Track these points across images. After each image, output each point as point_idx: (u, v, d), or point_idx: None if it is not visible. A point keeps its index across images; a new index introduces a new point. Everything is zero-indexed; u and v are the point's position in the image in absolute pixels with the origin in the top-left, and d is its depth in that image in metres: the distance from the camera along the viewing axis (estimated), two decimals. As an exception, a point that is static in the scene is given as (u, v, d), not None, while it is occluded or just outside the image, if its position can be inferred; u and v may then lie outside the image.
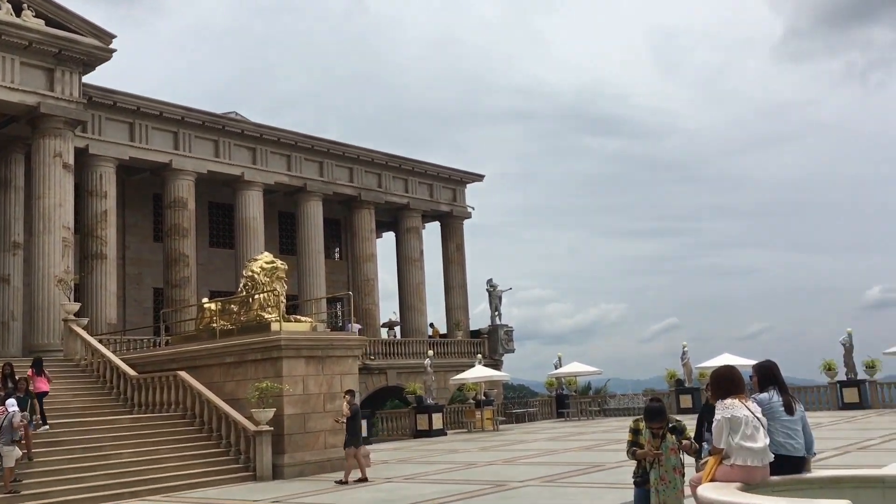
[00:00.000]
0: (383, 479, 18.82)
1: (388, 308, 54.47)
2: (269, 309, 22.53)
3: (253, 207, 38.67)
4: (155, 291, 38.19)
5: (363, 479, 18.53)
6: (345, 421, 19.14)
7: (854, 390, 36.06)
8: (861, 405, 35.43)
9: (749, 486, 6.97)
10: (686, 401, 38.99)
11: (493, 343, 47.41)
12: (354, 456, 18.74)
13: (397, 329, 46.56)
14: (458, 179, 50.13)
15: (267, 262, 23.29)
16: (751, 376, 8.01)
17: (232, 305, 24.12)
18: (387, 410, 39.05)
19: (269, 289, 22.70)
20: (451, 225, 50.03)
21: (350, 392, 19.74)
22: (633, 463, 9.10)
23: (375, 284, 45.19)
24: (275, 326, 21.62)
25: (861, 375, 36.44)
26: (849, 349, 36.42)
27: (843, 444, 20.17)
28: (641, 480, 8.89)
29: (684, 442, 8.55)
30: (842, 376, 36.58)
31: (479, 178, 51.37)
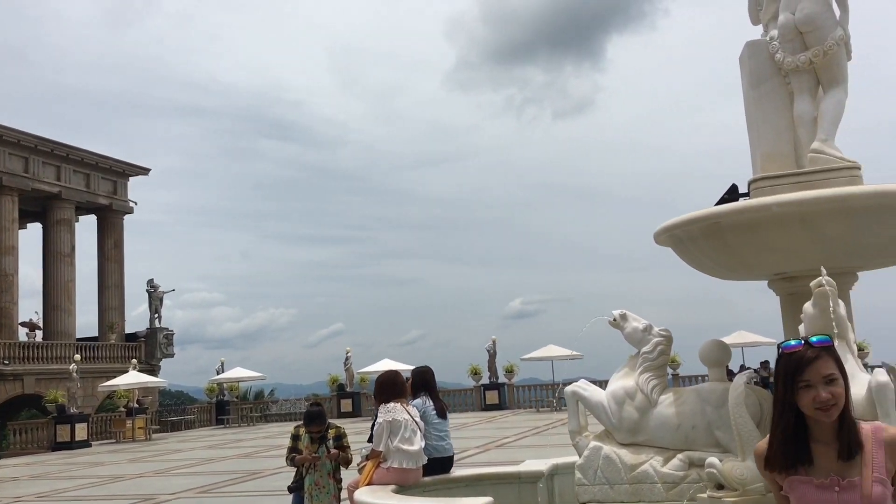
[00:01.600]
0: (12, 499, 16.70)
1: (30, 307, 48.87)
2: None
3: None
4: None
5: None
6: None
7: (495, 392, 39.64)
8: (500, 406, 39.05)
9: (403, 488, 7.21)
10: (347, 405, 39.99)
11: (150, 347, 44.66)
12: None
13: (38, 332, 41.89)
14: (121, 171, 46.60)
15: None
16: (406, 379, 8.35)
17: None
18: (21, 421, 34.96)
19: None
20: (110, 219, 46.31)
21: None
22: (294, 469, 8.99)
23: (15, 280, 40.31)
24: None
25: (502, 379, 40.19)
26: (492, 355, 39.98)
27: (484, 442, 21.96)
28: (296, 486, 8.80)
29: (332, 451, 8.52)
30: (486, 380, 40.03)
31: (145, 171, 48.25)
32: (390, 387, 7.76)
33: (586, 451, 6.65)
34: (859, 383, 5.11)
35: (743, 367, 33.34)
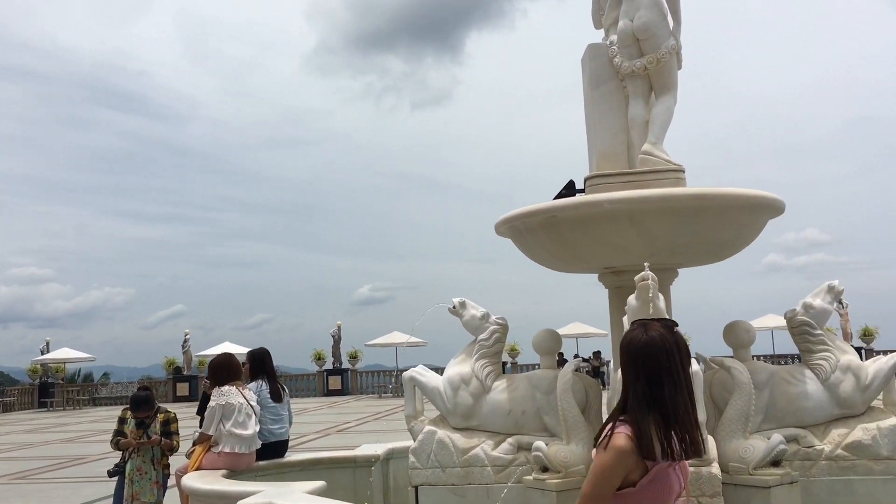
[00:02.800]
0: None
1: None
2: None
3: None
4: None
5: None
6: None
7: (338, 378, 39.53)
8: (343, 391, 38.98)
9: (234, 473, 7.06)
10: (183, 388, 38.67)
11: (-35, 324, 41.30)
12: None
13: None
14: (-63, 131, 42.68)
15: None
16: (243, 363, 8.16)
17: None
18: None
19: None
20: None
21: None
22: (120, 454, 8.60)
23: None
24: None
25: (346, 365, 40.09)
26: (337, 340, 39.83)
27: (324, 427, 21.86)
28: (116, 470, 8.45)
29: (154, 436, 8.26)
30: (329, 365, 39.82)
31: (-34, 133, 44.44)
32: (224, 370, 7.57)
33: (421, 435, 6.75)
34: (673, 372, 5.46)
35: (577, 357, 34.98)
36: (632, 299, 5.78)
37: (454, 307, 7.03)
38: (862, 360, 6.62)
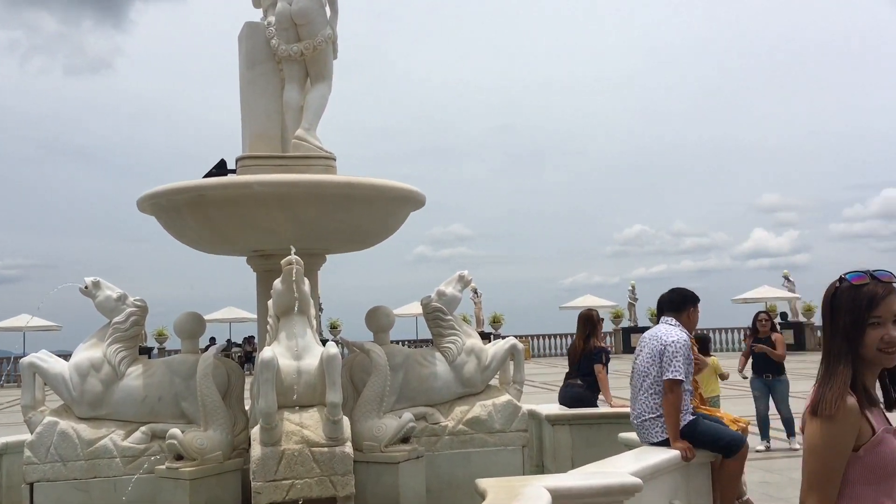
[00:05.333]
0: None
1: None
2: None
3: None
4: None
5: None
6: None
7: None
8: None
9: None
10: None
11: None
12: None
13: None
14: None
15: None
16: None
17: None
18: None
19: None
20: None
21: None
22: None
23: None
24: None
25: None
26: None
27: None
28: None
29: None
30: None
31: None
32: None
33: (40, 427, 6.11)
34: (314, 355, 5.58)
35: (229, 342, 34.31)
36: (277, 283, 5.79)
37: (86, 287, 6.47)
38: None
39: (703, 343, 11.49)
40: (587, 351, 8.38)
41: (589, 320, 8.59)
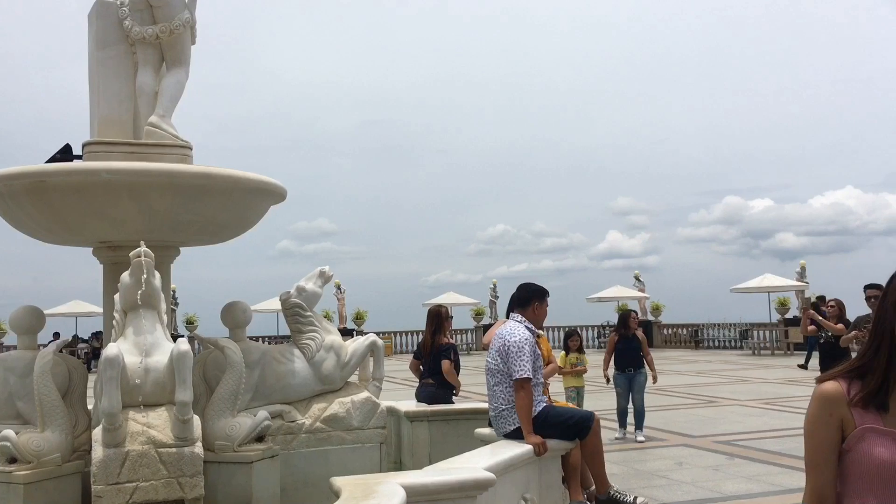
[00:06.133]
0: None
1: None
2: None
3: None
4: None
5: None
6: None
7: None
8: None
9: None
10: None
11: None
12: None
13: None
14: None
15: None
16: None
17: None
18: None
19: None
20: None
21: None
22: None
23: None
24: None
25: None
26: None
27: None
28: None
29: None
30: None
31: None
32: None
33: None
34: (164, 352, 5.35)
35: (76, 338, 32.48)
36: (125, 276, 5.52)
37: None
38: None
39: (567, 337, 11.81)
40: (435, 347, 8.50)
41: (437, 316, 8.70)
